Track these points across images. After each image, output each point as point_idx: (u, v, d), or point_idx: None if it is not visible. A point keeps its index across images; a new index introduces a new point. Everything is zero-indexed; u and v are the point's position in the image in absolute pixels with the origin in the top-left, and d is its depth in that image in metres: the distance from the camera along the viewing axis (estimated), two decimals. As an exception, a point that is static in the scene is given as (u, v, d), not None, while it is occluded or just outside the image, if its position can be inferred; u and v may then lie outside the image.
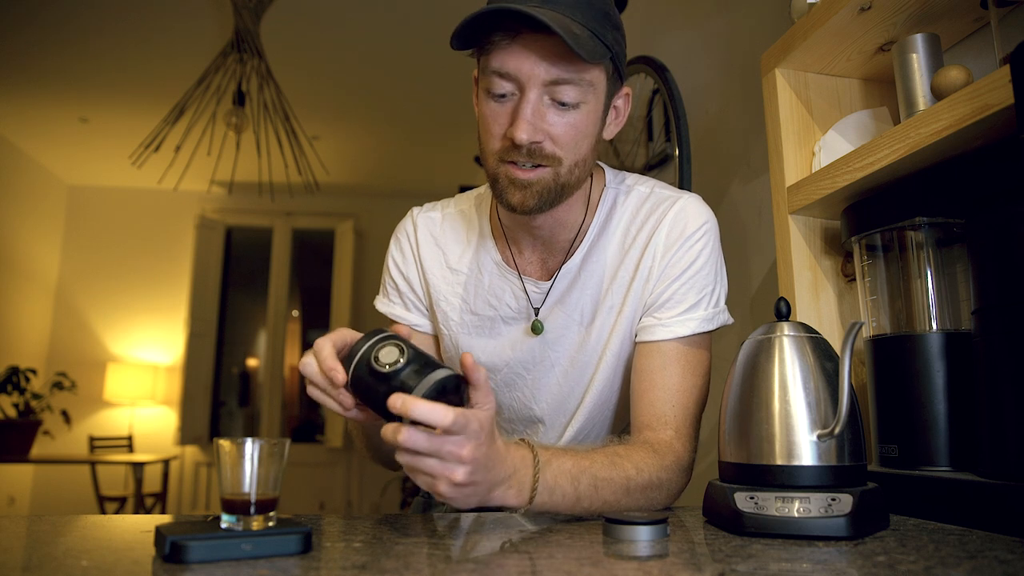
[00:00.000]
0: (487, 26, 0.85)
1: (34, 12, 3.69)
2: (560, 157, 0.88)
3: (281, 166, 4.37)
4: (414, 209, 1.12)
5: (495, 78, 0.87)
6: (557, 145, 0.88)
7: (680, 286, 0.96)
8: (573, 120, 0.88)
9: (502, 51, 0.85)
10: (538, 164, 0.88)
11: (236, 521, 0.63)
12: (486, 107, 0.89)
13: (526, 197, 0.89)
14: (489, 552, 0.66)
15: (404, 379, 0.69)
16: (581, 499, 0.79)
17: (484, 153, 0.91)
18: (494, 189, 0.92)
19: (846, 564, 0.60)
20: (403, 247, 1.11)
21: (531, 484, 0.74)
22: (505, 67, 0.85)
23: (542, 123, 0.86)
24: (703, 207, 1.00)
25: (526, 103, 0.85)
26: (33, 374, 4.50)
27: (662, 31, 2.41)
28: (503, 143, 0.88)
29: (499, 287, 1.03)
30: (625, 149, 2.47)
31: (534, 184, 0.88)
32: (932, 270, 0.97)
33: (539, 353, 1.02)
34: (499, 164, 0.89)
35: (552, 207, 0.92)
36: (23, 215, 5.47)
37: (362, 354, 0.72)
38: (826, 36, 1.13)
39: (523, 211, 0.90)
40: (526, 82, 0.85)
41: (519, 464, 0.74)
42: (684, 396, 0.94)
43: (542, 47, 0.84)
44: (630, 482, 0.83)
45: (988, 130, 0.84)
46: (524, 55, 0.84)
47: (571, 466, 0.79)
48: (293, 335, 8.54)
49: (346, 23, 3.84)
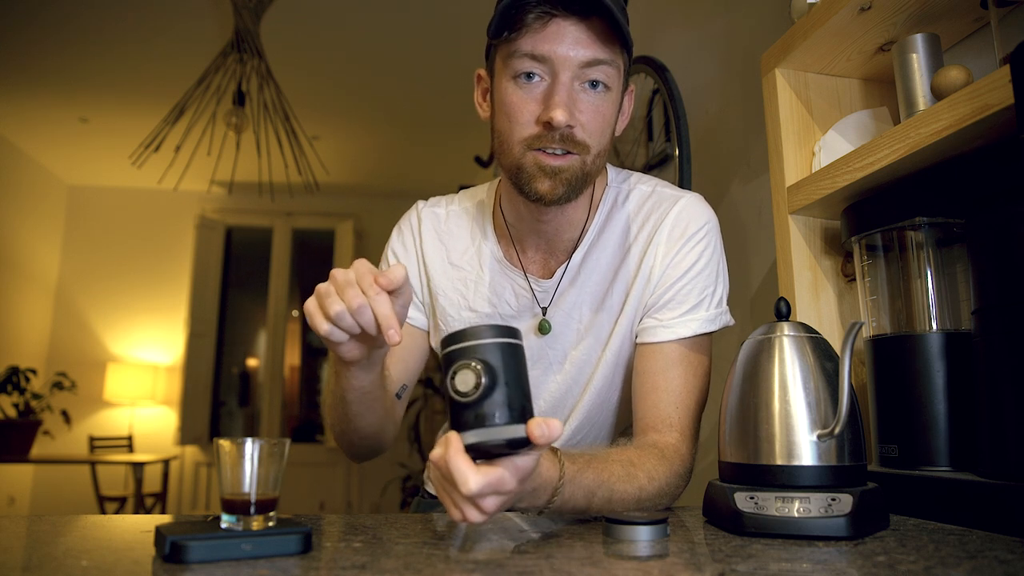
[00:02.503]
0: (521, 6, 0.85)
1: (34, 12, 3.69)
2: (589, 145, 0.88)
3: (281, 166, 4.37)
4: (419, 203, 1.12)
5: (527, 60, 0.86)
6: (586, 132, 0.88)
7: (682, 287, 0.96)
8: (601, 107, 0.88)
9: (535, 34, 0.86)
10: (569, 151, 0.88)
11: (236, 521, 0.63)
12: (512, 94, 0.88)
13: (556, 185, 0.88)
14: (489, 552, 0.66)
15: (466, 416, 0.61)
16: (591, 509, 0.79)
17: (507, 142, 0.90)
18: (518, 179, 0.90)
19: (846, 564, 0.60)
20: (405, 239, 1.10)
21: (546, 500, 0.72)
22: (538, 49, 0.85)
23: (575, 108, 0.87)
24: (705, 207, 1.00)
25: (560, 86, 0.86)
26: (33, 374, 4.50)
27: (662, 31, 2.41)
28: (532, 129, 0.87)
29: (500, 284, 1.03)
30: (625, 149, 2.47)
31: (564, 171, 0.88)
32: (932, 270, 0.97)
33: (537, 351, 1.02)
34: (526, 151, 0.88)
35: (575, 197, 0.92)
36: (23, 215, 5.47)
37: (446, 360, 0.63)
38: (826, 36, 1.13)
39: (551, 200, 0.89)
40: (560, 65, 0.85)
41: (539, 485, 0.70)
42: (687, 397, 0.94)
43: (576, 30, 0.85)
44: (642, 492, 0.83)
45: (988, 130, 0.84)
46: (558, 38, 0.85)
47: (590, 481, 0.77)
48: (293, 335, 8.54)
49: (346, 23, 3.84)
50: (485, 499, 0.61)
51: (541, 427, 0.60)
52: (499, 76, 0.91)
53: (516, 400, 0.61)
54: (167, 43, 4.03)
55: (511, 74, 0.88)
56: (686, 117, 1.98)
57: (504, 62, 0.89)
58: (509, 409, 0.61)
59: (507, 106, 0.89)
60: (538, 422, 0.61)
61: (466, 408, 0.61)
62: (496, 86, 0.92)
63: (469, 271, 1.06)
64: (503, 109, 0.90)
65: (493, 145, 0.95)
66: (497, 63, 0.92)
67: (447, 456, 0.60)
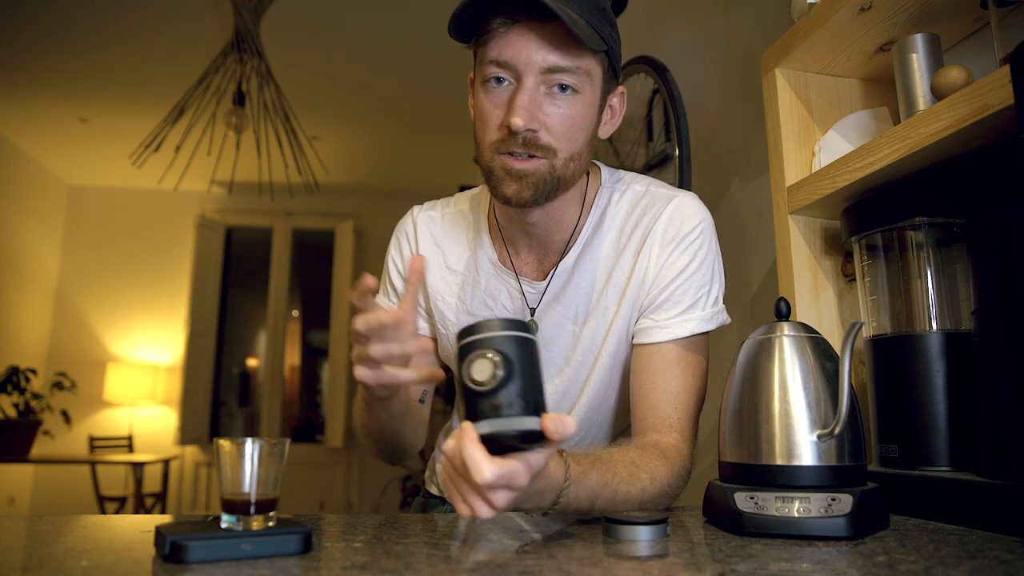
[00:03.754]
0: (485, 13, 0.85)
1: (34, 12, 3.69)
2: (555, 148, 0.88)
3: (281, 166, 4.37)
4: (414, 208, 1.12)
5: (492, 67, 0.87)
6: (552, 136, 0.88)
7: (677, 287, 0.96)
8: (569, 111, 0.88)
9: (499, 39, 0.86)
10: (533, 155, 0.88)
11: (236, 521, 0.63)
12: (482, 99, 0.89)
13: (521, 188, 0.89)
14: (489, 552, 0.66)
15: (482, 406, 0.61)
16: (595, 510, 0.79)
17: (480, 146, 0.91)
18: (489, 182, 0.91)
19: (846, 564, 0.60)
20: (402, 247, 1.11)
21: (551, 502, 0.72)
22: (503, 55, 0.86)
23: (538, 112, 0.87)
24: (699, 205, 1.00)
25: (523, 91, 0.86)
26: (33, 374, 4.50)
27: (662, 31, 2.41)
28: (499, 133, 0.88)
29: (495, 287, 1.03)
30: (625, 149, 2.47)
31: (529, 175, 0.88)
32: (932, 270, 0.97)
33: None
34: (495, 156, 0.89)
35: (547, 201, 0.92)
36: (23, 215, 5.47)
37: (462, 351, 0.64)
38: (826, 36, 1.13)
39: (518, 203, 0.90)
40: (523, 69, 0.86)
41: (546, 486, 0.70)
42: (686, 398, 0.94)
43: (540, 34, 0.85)
44: (644, 493, 0.83)
45: (988, 130, 0.84)
46: (522, 42, 0.85)
47: (595, 482, 0.77)
48: (293, 335, 8.54)
49: (346, 23, 3.84)
50: (496, 493, 0.61)
51: (556, 422, 0.61)
52: (476, 81, 0.92)
53: (531, 393, 0.61)
54: (167, 43, 4.03)
55: (481, 79, 0.89)
56: (686, 117, 1.98)
57: (478, 67, 0.91)
58: (524, 401, 0.61)
59: (478, 110, 0.91)
60: (553, 417, 0.61)
61: (482, 398, 0.61)
62: (473, 91, 0.94)
63: (466, 275, 1.06)
64: (477, 113, 0.92)
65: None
66: (475, 68, 0.93)
67: (462, 445, 0.60)
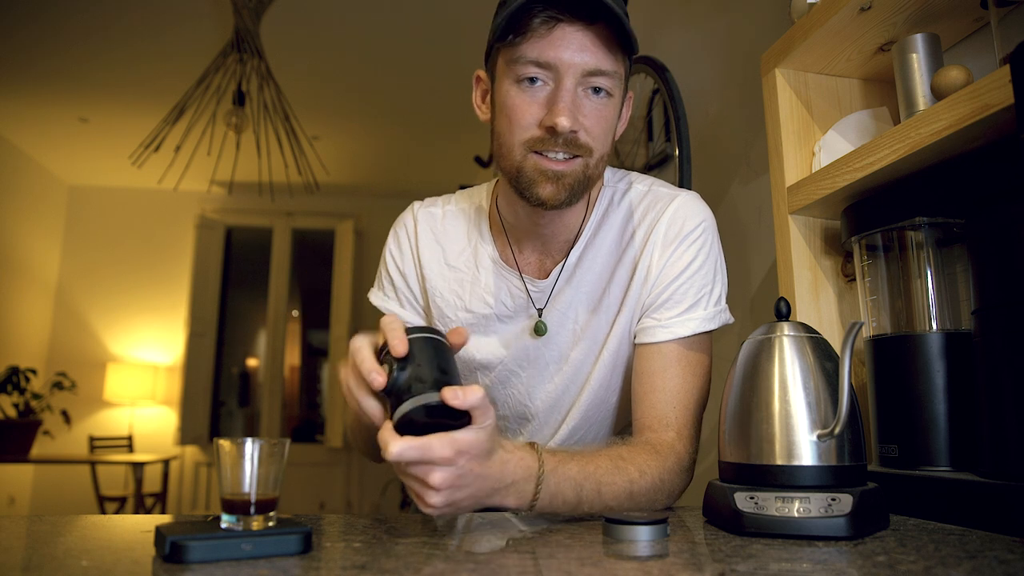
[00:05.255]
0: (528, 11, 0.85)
1: (34, 12, 3.69)
2: (592, 148, 0.88)
3: (281, 166, 4.37)
4: (415, 204, 1.12)
5: (531, 67, 0.86)
6: (590, 136, 0.88)
7: (679, 286, 0.96)
8: (604, 112, 0.89)
9: (540, 39, 0.85)
10: (573, 155, 0.88)
11: (236, 521, 0.63)
12: (515, 96, 0.88)
13: (559, 189, 0.88)
14: (489, 552, 0.66)
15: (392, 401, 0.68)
16: (583, 503, 0.79)
17: (507, 145, 0.90)
18: (519, 183, 0.90)
19: (846, 564, 0.60)
20: (401, 242, 1.10)
21: (532, 493, 0.74)
22: (544, 55, 0.85)
23: (578, 113, 0.86)
24: (701, 204, 1.00)
25: (565, 91, 0.86)
26: (33, 374, 4.49)
27: (662, 31, 2.41)
28: (535, 132, 0.87)
29: (496, 285, 1.03)
30: (625, 149, 2.47)
31: (567, 176, 0.88)
32: (932, 270, 0.97)
33: (534, 351, 1.02)
34: (527, 155, 0.88)
35: (576, 201, 0.92)
36: (23, 215, 5.47)
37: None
38: (826, 36, 1.13)
39: (553, 204, 0.89)
40: (565, 71, 0.85)
41: (520, 474, 0.72)
42: (685, 397, 0.94)
43: (581, 36, 0.85)
44: (633, 485, 0.83)
45: (988, 130, 0.84)
46: (564, 44, 0.85)
47: (576, 472, 0.78)
48: (293, 335, 8.55)
49: (346, 23, 3.84)
50: (423, 470, 0.65)
51: (455, 391, 0.65)
52: (500, 79, 0.91)
53: (428, 374, 0.67)
54: (167, 43, 4.03)
55: (514, 78, 0.88)
56: (686, 117, 1.98)
57: (507, 65, 0.89)
58: (421, 382, 0.67)
59: (509, 109, 0.89)
60: (453, 388, 0.65)
61: (390, 395, 0.68)
62: (497, 88, 0.92)
63: (465, 272, 1.05)
64: (504, 112, 0.90)
65: (492, 147, 0.94)
66: (499, 66, 0.91)
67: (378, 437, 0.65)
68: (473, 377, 1.06)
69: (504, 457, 0.71)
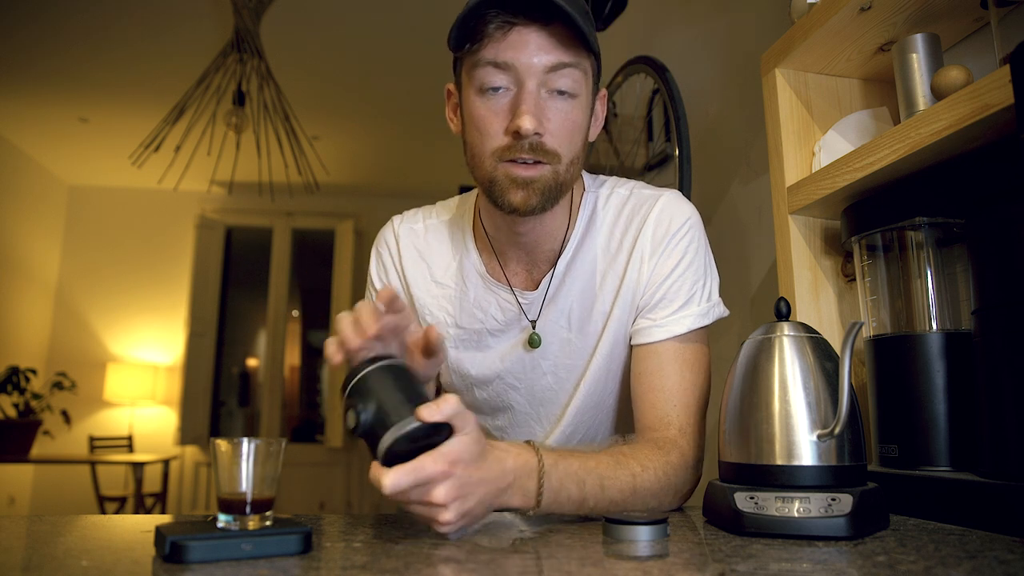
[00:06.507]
0: (482, 14, 0.85)
1: (34, 12, 3.69)
2: (559, 153, 0.88)
3: (281, 166, 4.36)
4: (395, 219, 1.09)
5: (491, 70, 0.86)
6: (556, 140, 0.87)
7: (671, 284, 0.96)
8: (569, 113, 0.88)
9: (497, 43, 0.85)
10: (539, 160, 0.87)
11: (233, 520, 0.63)
12: (480, 106, 0.88)
13: (529, 196, 0.88)
14: (489, 552, 0.66)
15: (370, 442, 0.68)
16: (587, 499, 0.78)
17: (479, 156, 0.90)
18: (492, 193, 0.89)
19: (846, 564, 0.60)
20: (385, 261, 1.08)
21: (536, 490, 0.74)
22: (501, 56, 0.85)
23: (542, 116, 0.86)
24: (684, 202, 1.00)
25: (527, 93, 0.85)
26: (33, 374, 4.50)
27: (662, 31, 2.41)
28: (502, 140, 0.87)
29: (484, 299, 1.02)
30: (625, 149, 2.47)
31: (536, 181, 0.87)
32: (932, 270, 0.97)
33: (529, 362, 1.02)
34: (498, 164, 0.88)
35: (551, 207, 0.91)
36: (23, 215, 5.47)
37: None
38: (826, 36, 1.13)
39: (525, 211, 0.88)
40: (524, 72, 0.85)
41: (521, 472, 0.72)
42: (685, 394, 0.93)
43: (538, 36, 0.85)
44: (636, 479, 0.82)
45: (988, 130, 0.84)
46: (521, 45, 0.85)
47: (577, 467, 0.78)
48: (293, 335, 8.54)
49: (346, 23, 3.84)
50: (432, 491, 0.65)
51: (429, 408, 0.66)
52: (466, 89, 0.90)
53: (393, 402, 0.68)
54: (167, 43, 4.03)
55: (477, 86, 0.88)
56: (686, 117, 1.98)
57: (469, 74, 0.89)
58: (390, 416, 0.67)
59: (476, 119, 0.88)
60: (426, 404, 0.66)
61: (364, 437, 0.68)
62: (464, 100, 0.91)
63: (453, 288, 1.04)
64: (472, 122, 0.89)
65: (466, 159, 0.94)
66: (463, 76, 0.91)
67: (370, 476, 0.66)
68: (470, 393, 1.06)
69: (500, 456, 0.71)
